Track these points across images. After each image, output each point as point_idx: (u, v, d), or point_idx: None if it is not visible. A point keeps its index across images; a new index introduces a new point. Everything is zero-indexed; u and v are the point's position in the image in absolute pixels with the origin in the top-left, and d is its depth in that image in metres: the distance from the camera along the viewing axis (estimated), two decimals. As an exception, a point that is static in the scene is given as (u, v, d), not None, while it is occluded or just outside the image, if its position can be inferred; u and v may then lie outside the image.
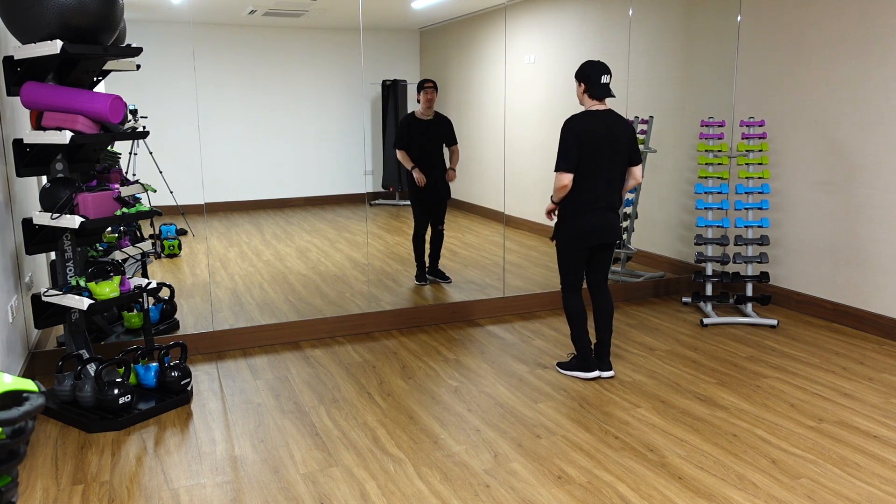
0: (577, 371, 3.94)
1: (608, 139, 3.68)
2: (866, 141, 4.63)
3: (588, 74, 3.72)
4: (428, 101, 5.43)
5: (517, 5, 6.86)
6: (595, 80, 3.71)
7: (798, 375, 3.97)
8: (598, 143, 3.66)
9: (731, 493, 2.78)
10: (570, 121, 3.70)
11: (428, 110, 5.47)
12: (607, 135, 3.68)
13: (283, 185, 6.33)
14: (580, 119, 3.69)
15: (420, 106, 5.48)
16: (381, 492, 2.81)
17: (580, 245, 3.80)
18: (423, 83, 5.43)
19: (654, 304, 5.43)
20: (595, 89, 3.72)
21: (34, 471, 3.00)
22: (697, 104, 5.86)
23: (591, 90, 3.73)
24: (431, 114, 5.49)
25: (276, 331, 4.54)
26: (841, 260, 4.86)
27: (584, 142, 3.64)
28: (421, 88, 5.43)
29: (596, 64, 3.71)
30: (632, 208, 5.90)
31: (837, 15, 4.75)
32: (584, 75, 3.73)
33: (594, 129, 3.66)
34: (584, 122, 3.68)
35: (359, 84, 6.29)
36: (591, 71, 3.71)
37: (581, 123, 3.67)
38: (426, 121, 5.49)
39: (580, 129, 3.66)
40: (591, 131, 3.66)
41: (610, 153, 3.70)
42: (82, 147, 3.56)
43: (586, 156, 3.66)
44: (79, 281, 3.49)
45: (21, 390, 1.26)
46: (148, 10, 5.39)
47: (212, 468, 3.00)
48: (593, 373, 3.90)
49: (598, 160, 3.68)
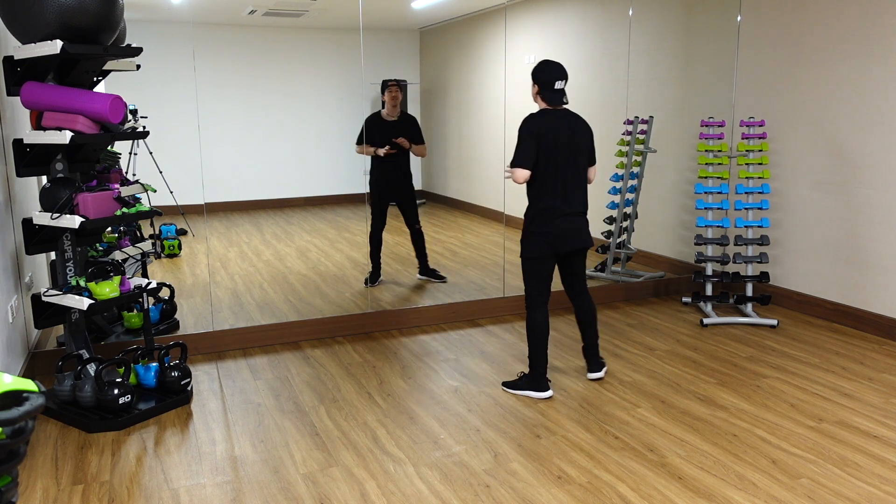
0: (529, 391, 3.68)
1: (567, 139, 3.55)
2: (866, 141, 4.63)
3: (542, 77, 3.56)
4: (392, 100, 5.43)
5: (517, 5, 6.86)
6: (549, 85, 3.55)
7: (798, 375, 3.97)
8: (557, 143, 3.52)
9: (731, 493, 2.78)
10: (528, 119, 3.56)
11: (393, 110, 5.48)
12: (566, 135, 3.55)
13: (283, 185, 6.33)
14: (538, 118, 3.55)
15: (385, 106, 5.49)
16: (381, 492, 2.81)
17: (550, 251, 3.61)
18: (387, 83, 5.43)
19: (654, 304, 5.43)
20: (547, 94, 3.57)
21: (34, 471, 3.00)
22: (697, 104, 5.86)
23: (544, 94, 3.58)
24: (397, 114, 5.50)
25: (276, 331, 4.54)
26: (841, 260, 4.86)
27: (542, 141, 3.51)
28: (385, 88, 5.44)
29: (552, 66, 3.55)
30: (632, 208, 5.90)
31: (837, 15, 4.75)
32: (539, 78, 3.57)
33: (552, 128, 3.53)
34: (541, 121, 3.54)
35: (359, 84, 6.28)
36: (545, 74, 3.55)
37: (538, 122, 3.54)
38: (391, 121, 5.50)
39: (538, 127, 3.52)
40: (550, 130, 3.52)
41: (570, 153, 3.57)
42: (82, 147, 3.56)
43: (545, 155, 3.53)
44: (79, 281, 3.49)
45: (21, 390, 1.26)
46: (148, 10, 5.39)
47: (212, 468, 3.00)
48: (547, 393, 3.66)
49: (559, 160, 3.54)
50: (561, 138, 3.54)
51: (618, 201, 5.94)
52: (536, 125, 3.53)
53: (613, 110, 6.26)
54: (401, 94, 5.46)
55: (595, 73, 6.39)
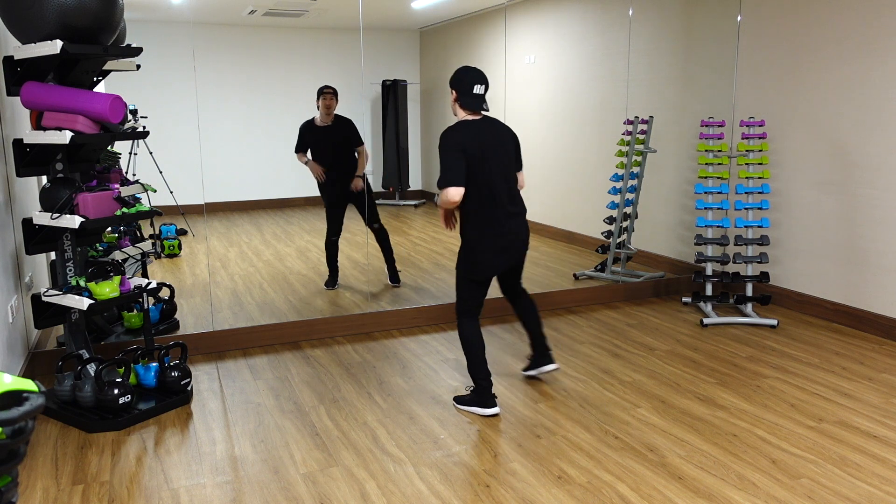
0: (475, 406, 3.48)
1: (493, 147, 3.34)
2: (866, 141, 4.63)
3: (460, 83, 3.35)
4: (326, 108, 5.42)
5: (517, 5, 6.86)
6: (467, 90, 3.35)
7: (798, 375, 3.97)
8: (484, 154, 3.31)
9: (731, 493, 2.78)
10: (447, 133, 3.32)
11: (326, 117, 5.47)
12: (491, 143, 3.35)
13: (283, 185, 6.33)
14: (458, 130, 3.32)
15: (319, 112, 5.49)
16: (381, 492, 2.81)
17: (488, 273, 3.42)
18: (322, 90, 5.42)
19: (654, 304, 5.43)
20: (466, 99, 3.36)
21: (34, 471, 3.00)
22: (697, 104, 5.86)
23: (463, 100, 3.36)
24: (330, 120, 5.49)
25: (276, 331, 4.54)
26: (841, 260, 4.86)
27: (468, 154, 3.28)
28: (320, 95, 5.43)
29: (471, 71, 3.35)
30: (632, 208, 5.90)
31: (837, 15, 4.75)
32: (457, 83, 3.37)
33: (476, 138, 3.31)
34: (463, 133, 3.30)
35: (359, 84, 6.28)
36: (463, 79, 3.35)
37: (460, 134, 3.30)
38: (324, 126, 5.49)
39: (460, 140, 3.29)
40: (473, 142, 3.30)
41: (498, 162, 3.36)
42: (82, 147, 3.56)
43: (475, 169, 3.30)
44: (79, 281, 3.49)
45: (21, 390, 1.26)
46: (148, 10, 5.39)
47: (212, 468, 3.00)
48: (493, 409, 3.44)
49: (488, 172, 3.32)
50: (488, 147, 3.33)
51: (618, 201, 5.94)
52: (459, 137, 3.30)
53: (613, 110, 6.26)
54: (335, 101, 5.44)
55: (595, 73, 6.39)
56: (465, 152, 3.29)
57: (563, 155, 6.80)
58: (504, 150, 3.40)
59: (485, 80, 3.38)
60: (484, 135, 3.35)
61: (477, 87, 3.35)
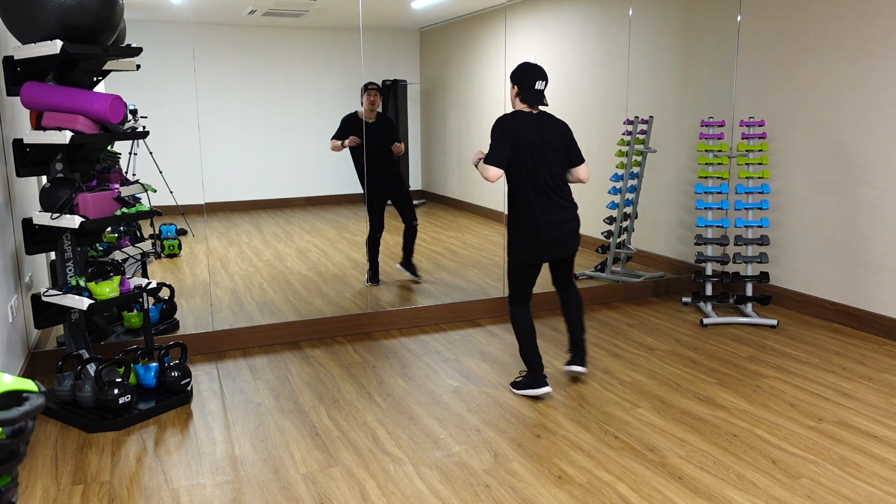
0: (528, 389, 3.67)
1: (541, 141, 3.50)
2: (866, 141, 4.63)
3: (523, 78, 3.53)
4: (370, 104, 5.53)
5: (517, 5, 6.86)
6: (529, 85, 3.52)
7: (798, 375, 3.97)
8: (532, 143, 3.47)
9: (731, 493, 2.78)
10: (501, 119, 3.52)
11: (371, 112, 5.55)
12: (540, 136, 3.50)
13: (283, 185, 6.33)
14: (511, 117, 3.51)
15: (363, 107, 5.58)
16: (381, 492, 2.81)
17: (535, 258, 3.58)
18: (367, 86, 5.54)
19: (654, 304, 5.43)
20: (528, 94, 3.53)
21: (34, 471, 3.00)
22: (697, 104, 5.86)
23: (524, 94, 3.54)
24: (374, 116, 5.57)
25: (276, 331, 4.54)
26: (841, 260, 4.86)
27: (516, 141, 3.46)
28: (365, 91, 5.54)
29: (533, 68, 3.52)
30: (632, 208, 5.90)
31: (837, 15, 4.75)
32: (520, 78, 3.54)
33: (526, 129, 3.48)
34: (514, 122, 3.49)
35: (359, 84, 6.28)
36: (526, 75, 3.52)
37: (513, 122, 3.49)
38: (367, 122, 5.57)
39: (510, 128, 3.48)
40: (524, 131, 3.47)
41: (545, 155, 3.50)
42: (82, 147, 3.56)
43: (521, 157, 3.48)
44: (79, 281, 3.49)
45: (21, 390, 1.26)
46: (148, 10, 5.39)
47: (212, 468, 3.00)
48: (543, 388, 3.63)
49: (538, 162, 3.49)
50: (538, 139, 3.49)
51: (618, 201, 5.94)
52: (510, 124, 3.48)
53: (613, 110, 6.26)
54: (380, 98, 5.53)
55: (595, 73, 6.39)
56: (512, 139, 3.47)
57: (563, 155, 6.79)
58: (553, 144, 3.54)
59: (545, 77, 3.56)
60: (535, 126, 3.51)
61: (538, 83, 3.53)
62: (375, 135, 5.60)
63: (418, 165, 6.93)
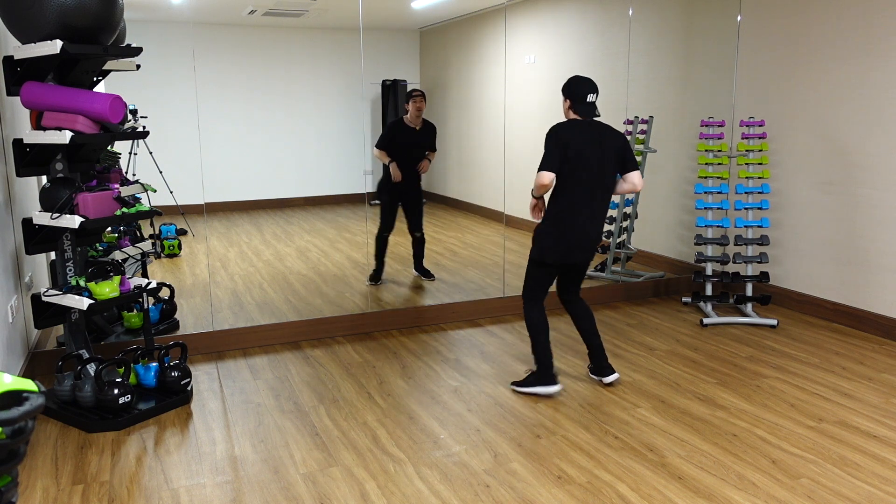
0: (538, 387, 3.71)
1: (593, 148, 3.58)
2: (866, 141, 4.63)
3: (574, 92, 3.64)
4: (417, 110, 5.55)
5: (517, 5, 6.86)
6: (581, 99, 3.63)
7: (798, 375, 3.97)
8: (583, 151, 3.56)
9: (731, 493, 2.78)
10: (556, 127, 3.62)
11: (417, 119, 5.58)
12: (593, 143, 3.58)
13: (283, 185, 6.33)
14: (565, 126, 3.61)
15: (409, 114, 5.60)
16: (381, 492, 2.81)
17: (555, 258, 3.65)
18: (412, 92, 5.56)
19: (654, 304, 5.43)
20: (581, 107, 3.64)
21: (34, 471, 3.00)
22: (697, 104, 5.86)
23: (577, 107, 3.65)
24: (420, 123, 5.60)
25: (276, 331, 4.54)
26: (841, 260, 4.86)
27: (567, 148, 3.55)
28: (409, 97, 5.57)
29: (584, 81, 3.64)
30: (632, 208, 5.90)
31: (837, 15, 4.75)
32: (571, 92, 3.65)
33: (579, 137, 3.57)
34: (569, 129, 3.59)
35: (359, 84, 6.28)
36: (577, 88, 3.63)
37: (566, 130, 3.59)
38: (414, 129, 5.61)
39: (565, 134, 3.57)
40: (576, 139, 3.56)
41: (596, 162, 3.59)
42: (82, 147, 3.56)
43: (570, 163, 3.56)
44: (79, 281, 3.49)
45: (21, 390, 1.26)
46: (148, 10, 5.39)
47: (212, 468, 3.00)
48: (555, 386, 3.69)
49: (583, 168, 3.57)
50: (588, 147, 3.58)
51: (618, 201, 5.94)
52: (563, 132, 3.58)
53: (613, 110, 6.26)
54: (425, 104, 5.58)
55: (595, 73, 6.39)
56: (564, 146, 3.55)
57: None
58: (602, 152, 3.60)
59: (596, 90, 3.65)
60: (587, 134, 3.59)
61: (590, 96, 3.63)
62: (418, 140, 5.67)
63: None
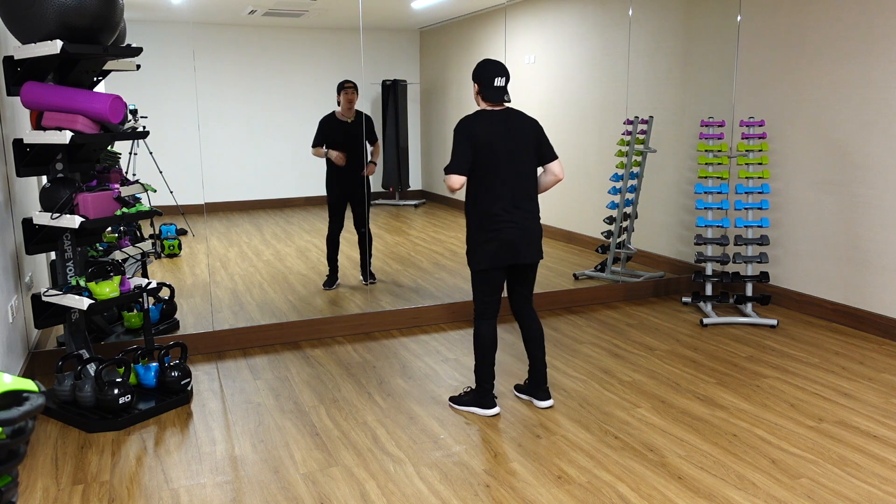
0: (474, 407, 3.50)
1: (507, 139, 3.34)
2: (866, 141, 4.63)
3: (481, 75, 3.38)
4: (348, 102, 5.43)
5: (517, 5, 6.86)
6: (488, 82, 3.36)
7: (798, 375, 3.97)
8: (495, 144, 3.32)
9: (731, 493, 2.78)
10: (463, 120, 3.36)
11: (349, 111, 5.47)
12: (506, 134, 3.34)
13: (283, 185, 6.33)
14: (473, 119, 3.35)
15: (341, 107, 5.48)
16: (381, 492, 2.81)
17: (496, 263, 3.36)
18: (344, 84, 5.43)
19: (654, 303, 5.43)
20: (488, 91, 3.37)
21: (34, 471, 3.00)
22: (697, 104, 5.86)
23: (484, 92, 3.38)
24: (352, 115, 5.49)
25: (276, 331, 4.54)
26: (841, 260, 4.86)
27: (478, 143, 3.30)
28: (341, 89, 5.43)
29: (492, 64, 3.38)
30: (632, 208, 5.90)
31: (837, 15, 4.75)
32: (478, 76, 3.40)
33: (489, 129, 3.32)
34: (476, 123, 3.33)
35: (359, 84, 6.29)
36: (485, 71, 3.38)
37: (474, 124, 3.33)
38: (347, 122, 5.49)
39: (472, 129, 3.32)
40: (486, 132, 3.32)
41: (511, 154, 3.34)
42: (82, 147, 3.56)
43: (483, 159, 3.32)
44: (79, 281, 3.49)
45: (21, 390, 1.26)
46: (148, 10, 5.39)
47: (212, 468, 3.00)
48: (493, 410, 3.47)
49: (498, 162, 3.32)
50: (501, 138, 3.34)
51: (618, 201, 5.94)
52: (471, 126, 3.33)
53: (613, 110, 6.26)
54: (356, 96, 5.45)
55: (595, 73, 6.39)
56: (474, 141, 3.31)
57: (563, 155, 6.80)
58: (519, 143, 3.37)
59: (506, 73, 3.40)
60: (498, 125, 3.35)
61: (498, 79, 3.37)
62: (353, 133, 5.52)
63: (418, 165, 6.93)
